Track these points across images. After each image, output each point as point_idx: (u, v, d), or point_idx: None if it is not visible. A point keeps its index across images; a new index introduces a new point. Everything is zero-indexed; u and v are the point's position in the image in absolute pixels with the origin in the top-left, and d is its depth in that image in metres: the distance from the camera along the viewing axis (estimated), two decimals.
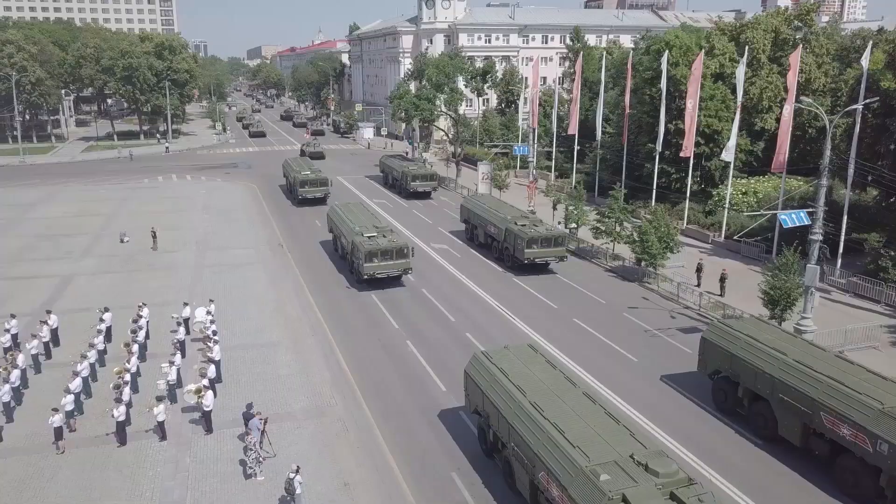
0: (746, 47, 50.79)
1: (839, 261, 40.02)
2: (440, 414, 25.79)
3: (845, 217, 39.89)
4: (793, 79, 42.13)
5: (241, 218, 56.96)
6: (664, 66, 51.73)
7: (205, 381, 24.99)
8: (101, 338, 29.15)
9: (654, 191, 54.35)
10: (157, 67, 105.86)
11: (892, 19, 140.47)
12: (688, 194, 52.28)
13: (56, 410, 22.70)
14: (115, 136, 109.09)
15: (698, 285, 38.91)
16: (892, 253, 37.20)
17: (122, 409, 23.19)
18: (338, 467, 22.10)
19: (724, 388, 25.63)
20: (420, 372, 29.29)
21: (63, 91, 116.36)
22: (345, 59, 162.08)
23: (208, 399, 23.99)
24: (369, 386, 28.02)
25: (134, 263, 44.16)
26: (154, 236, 47.32)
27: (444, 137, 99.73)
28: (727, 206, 49.17)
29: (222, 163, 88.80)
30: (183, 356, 29.55)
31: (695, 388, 27.24)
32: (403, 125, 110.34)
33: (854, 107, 31.33)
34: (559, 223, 49.37)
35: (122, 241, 48.63)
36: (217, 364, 27.04)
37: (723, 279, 38.41)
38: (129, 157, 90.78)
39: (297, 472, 19.43)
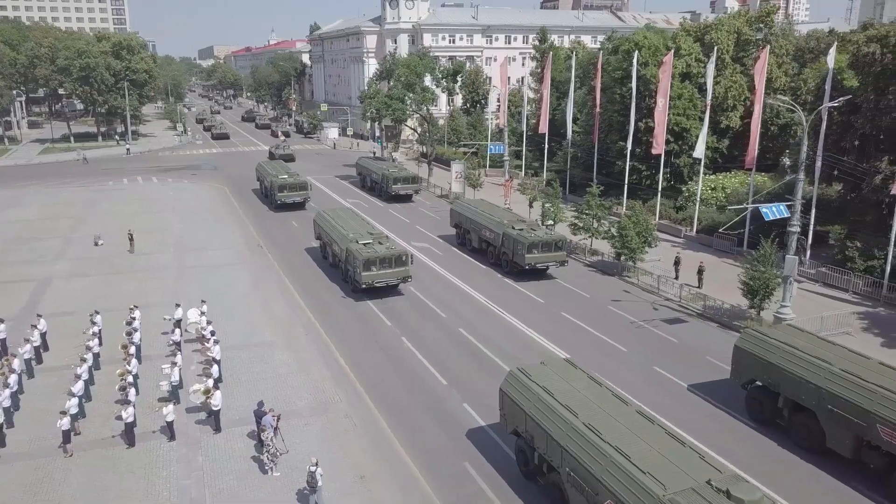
0: (715, 47, 52.40)
1: (808, 252, 41.80)
2: (444, 408, 26.29)
3: (813, 210, 41.67)
4: (761, 78, 43.75)
5: (214, 219, 56.43)
6: (635, 66, 53.11)
7: (210, 381, 24.98)
8: (96, 341, 28.83)
9: (626, 187, 55.74)
10: (116, 67, 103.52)
11: (836, 21, 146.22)
12: (659, 191, 53.76)
13: (64, 413, 22.48)
14: (72, 138, 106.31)
15: (676, 278, 40.22)
16: (859, 244, 39.07)
17: (131, 410, 23.08)
18: (350, 461, 22.40)
19: (759, 397, 24.86)
20: (419, 368, 29.70)
21: (14, 92, 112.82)
22: (305, 59, 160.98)
23: (217, 399, 24.02)
24: (370, 383, 28.32)
25: (111, 266, 43.48)
26: (131, 239, 46.62)
27: (412, 137, 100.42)
28: (698, 201, 50.77)
29: (186, 164, 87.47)
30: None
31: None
32: (369, 124, 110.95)
33: (832, 104, 32.89)
34: (537, 220, 50.26)
35: (96, 244, 47.74)
36: (219, 364, 27.01)
37: (700, 271, 39.77)
38: (84, 161, 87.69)
39: (317, 465, 19.71)
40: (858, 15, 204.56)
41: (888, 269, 36.99)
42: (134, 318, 30.67)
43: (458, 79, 74.44)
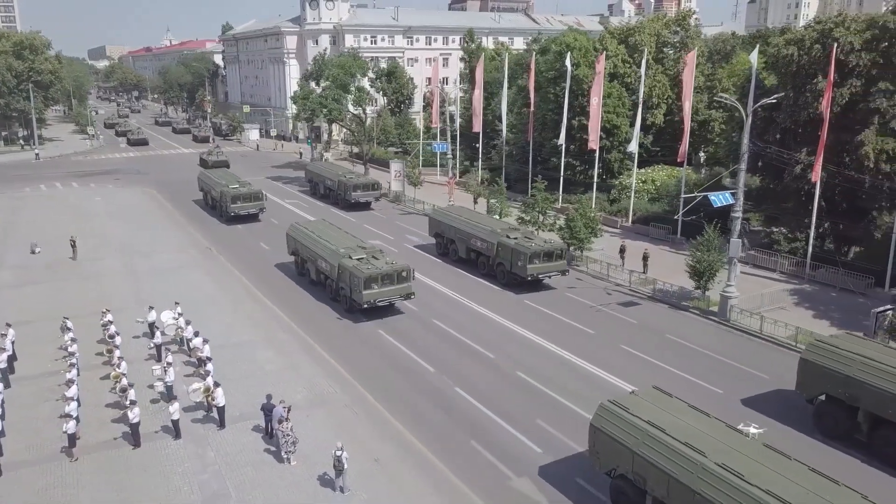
0: (645, 49, 55.88)
1: (746, 236, 45.51)
2: (438, 393, 27.51)
3: (741, 198, 45.33)
4: (689, 79, 47.21)
5: (153, 224, 55.06)
6: (568, 67, 55.85)
7: (210, 379, 25.14)
8: (75, 346, 28.26)
9: (562, 182, 58.46)
10: (18, 68, 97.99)
11: (729, 26, 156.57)
12: (594, 185, 56.74)
13: (70, 417, 22.24)
14: None
15: (623, 265, 42.92)
16: (784, 229, 43.02)
17: (137, 410, 23.06)
18: (361, 447, 23.16)
19: (832, 412, 23.76)
20: (405, 359, 30.73)
21: None
22: (218, 59, 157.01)
23: (219, 395, 24.26)
24: (361, 374, 29.11)
25: (57, 273, 42.03)
26: (73, 245, 45.05)
27: (337, 137, 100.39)
28: (633, 193, 54.04)
29: (105, 169, 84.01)
30: (159, 359, 29.34)
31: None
32: (292, 126, 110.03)
33: (769, 100, 36.20)
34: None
35: (33, 252, 45.83)
36: (211, 361, 27.10)
37: (645, 258, 42.61)
38: None
39: (342, 448, 20.51)
40: (745, 19, 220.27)
41: (810, 249, 41.03)
42: (111, 322, 30.17)
43: (392, 79, 75.26)
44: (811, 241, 40.98)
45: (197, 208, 61.89)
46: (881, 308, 29.68)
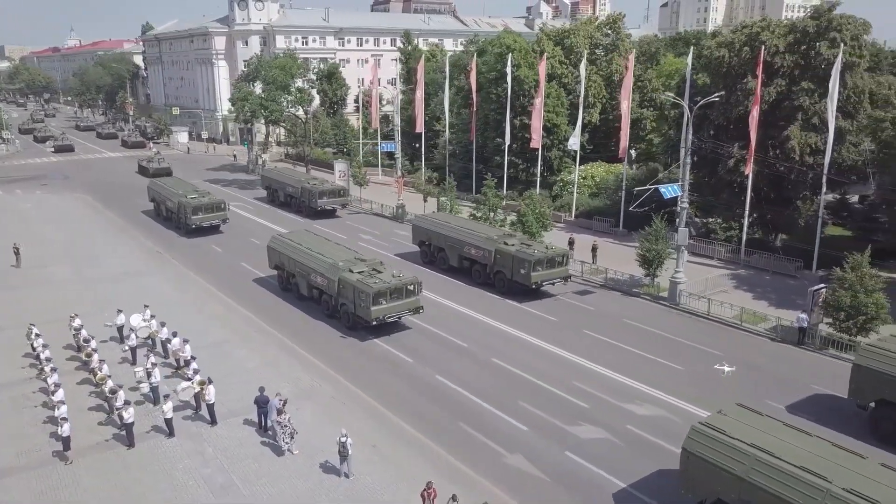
0: (583, 50, 58.41)
1: (687, 226, 48.40)
2: (421, 382, 28.58)
3: (686, 189, 48.32)
4: (628, 80, 49.90)
5: (94, 230, 53.58)
6: (510, 68, 57.77)
7: (197, 378, 25.34)
8: (48, 351, 27.81)
9: (506, 180, 60.34)
10: None
11: (644, 28, 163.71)
12: (538, 181, 58.89)
13: (65, 420, 22.11)
14: None
15: (572, 256, 44.96)
16: (720, 220, 46.23)
17: (132, 410, 23.11)
18: (357, 435, 23.71)
19: (890, 415, 23.60)
20: (381, 351, 31.62)
21: None
22: (138, 60, 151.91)
23: (211, 392, 24.55)
24: (340, 368, 29.81)
25: (5, 281, 40.73)
26: (17, 252, 43.56)
27: (272, 139, 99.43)
28: (576, 189, 56.47)
29: (29, 174, 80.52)
30: (134, 361, 29.29)
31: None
32: (222, 128, 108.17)
33: (712, 98, 38.95)
34: (433, 213, 53.34)
35: None
36: (195, 360, 27.23)
37: (594, 249, 44.87)
38: None
39: (346, 435, 21.33)
40: (658, 22, 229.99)
41: (744, 237, 44.27)
42: (81, 326, 29.78)
43: (333, 81, 75.44)
44: (745, 229, 44.21)
45: (146, 218, 58.35)
46: (816, 287, 32.60)
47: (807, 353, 31.26)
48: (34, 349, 28.87)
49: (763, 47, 41.65)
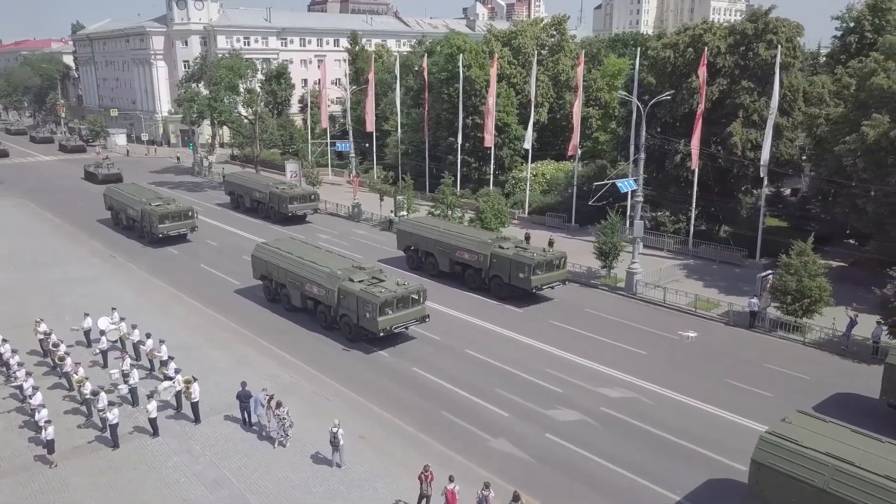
0: (532, 51, 59.96)
1: (627, 220, 50.41)
2: (398, 374, 29.22)
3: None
4: (580, 80, 51.62)
5: (41, 236, 51.94)
6: (461, 68, 58.83)
7: (180, 376, 25.34)
8: (17, 356, 27.24)
9: (459, 179, 61.33)
10: None
11: (580, 31, 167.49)
12: (491, 179, 60.15)
13: (50, 422, 21.87)
14: None
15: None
16: (668, 213, 48.38)
17: (116, 411, 23.02)
18: (343, 427, 24.24)
19: None
20: (360, 347, 32.08)
21: None
22: (68, 60, 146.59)
23: (195, 391, 24.62)
24: (316, 364, 30.15)
25: None
26: None
27: (217, 141, 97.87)
28: (528, 187, 57.95)
29: None
30: (105, 364, 29.01)
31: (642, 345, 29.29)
32: (162, 130, 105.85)
33: (663, 96, 40.84)
34: (391, 212, 53.97)
35: None
36: (173, 360, 27.16)
37: (550, 244, 46.18)
38: None
39: (338, 425, 21.84)
40: (592, 24, 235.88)
41: (692, 229, 46.51)
42: (51, 331, 29.24)
43: (282, 81, 74.95)
44: (692, 221, 46.44)
45: (102, 226, 55.40)
46: (763, 273, 34.74)
47: (757, 336, 33.34)
48: (0, 355, 28.18)
49: (706, 48, 43.89)
